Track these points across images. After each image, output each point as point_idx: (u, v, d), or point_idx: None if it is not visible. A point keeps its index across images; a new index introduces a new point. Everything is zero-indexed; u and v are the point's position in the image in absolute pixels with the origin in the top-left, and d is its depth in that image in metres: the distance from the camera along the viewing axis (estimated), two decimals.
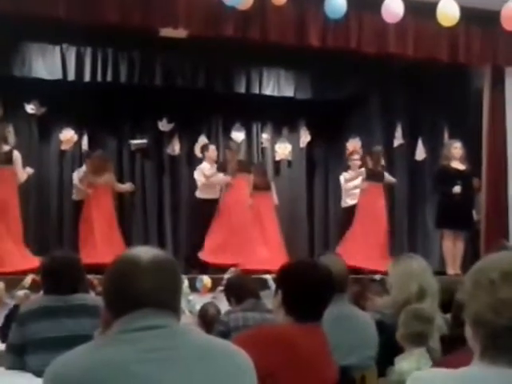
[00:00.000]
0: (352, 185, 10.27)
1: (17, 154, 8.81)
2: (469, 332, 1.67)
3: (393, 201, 10.70)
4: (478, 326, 1.63)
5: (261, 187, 10.15)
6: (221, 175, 9.95)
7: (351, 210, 10.19)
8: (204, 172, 9.99)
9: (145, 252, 1.85)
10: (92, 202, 9.42)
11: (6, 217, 8.57)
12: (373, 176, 10.08)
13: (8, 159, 8.70)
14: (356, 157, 10.49)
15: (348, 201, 10.37)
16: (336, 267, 3.69)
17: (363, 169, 10.17)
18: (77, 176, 9.73)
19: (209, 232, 9.79)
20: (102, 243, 8.98)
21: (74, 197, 9.83)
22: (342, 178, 10.52)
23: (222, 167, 10.06)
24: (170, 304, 1.83)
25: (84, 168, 9.73)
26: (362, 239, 9.75)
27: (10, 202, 8.67)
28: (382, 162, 10.29)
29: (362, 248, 9.61)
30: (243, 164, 10.27)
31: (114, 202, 9.75)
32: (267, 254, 9.61)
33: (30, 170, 9.02)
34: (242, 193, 9.93)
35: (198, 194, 10.12)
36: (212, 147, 10.40)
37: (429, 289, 3.90)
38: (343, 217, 10.54)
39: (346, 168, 10.64)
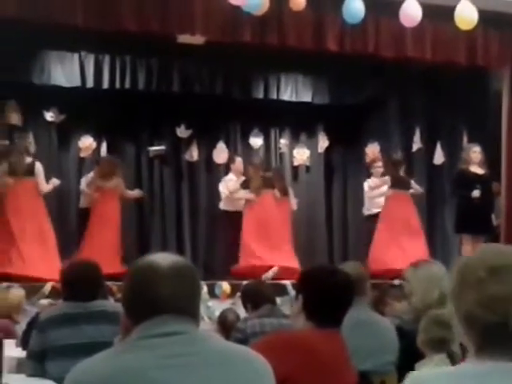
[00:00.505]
0: (378, 193, 10.15)
1: (39, 166, 8.85)
2: (459, 329, 1.65)
3: None
4: (470, 323, 1.61)
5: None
6: (244, 192, 9.81)
7: (375, 218, 10.09)
8: (228, 186, 9.93)
9: (164, 258, 1.85)
10: (98, 206, 9.35)
11: (31, 227, 8.58)
12: (398, 184, 9.96)
13: (30, 171, 8.74)
14: (379, 164, 10.39)
15: (372, 209, 10.24)
16: (355, 271, 3.72)
17: (388, 176, 10.06)
18: (85, 181, 9.65)
19: (241, 248, 9.61)
20: (99, 252, 8.51)
21: (81, 204, 9.75)
22: (366, 184, 10.39)
23: (245, 184, 9.87)
24: (189, 310, 1.83)
25: (92, 174, 9.66)
26: (394, 243, 9.60)
27: (35, 212, 8.68)
28: (403, 169, 10.16)
29: (396, 250, 9.45)
30: (268, 180, 9.94)
31: (121, 208, 9.62)
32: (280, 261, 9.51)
33: (56, 181, 8.99)
34: (267, 209, 9.74)
35: (222, 206, 10.07)
36: (238, 159, 10.34)
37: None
38: (366, 224, 10.44)
39: (369, 175, 10.58)
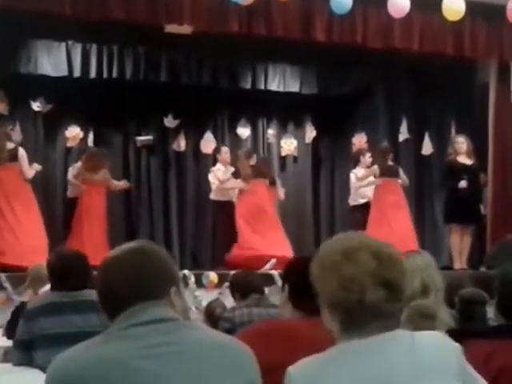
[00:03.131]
0: (366, 182, 10.02)
1: (22, 151, 8.74)
2: (326, 315, 1.77)
3: None
4: (334, 306, 1.73)
5: None
6: (234, 181, 9.73)
7: (362, 208, 10.02)
8: (218, 176, 9.84)
9: (123, 248, 1.87)
10: (85, 199, 9.24)
11: (14, 213, 8.52)
12: (387, 172, 9.84)
13: (13, 156, 8.67)
14: (368, 155, 10.32)
15: (359, 199, 10.18)
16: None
17: (376, 166, 9.95)
18: (72, 172, 9.58)
19: (239, 238, 9.48)
20: (88, 244, 8.52)
21: (69, 193, 9.67)
22: (353, 175, 10.31)
23: (236, 174, 9.79)
24: (158, 293, 1.82)
25: (79, 164, 9.56)
26: (385, 232, 9.16)
27: (22, 196, 8.59)
28: (391, 157, 10.05)
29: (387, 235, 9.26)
30: (257, 169, 9.78)
31: (108, 199, 9.50)
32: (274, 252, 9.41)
33: (37, 167, 8.95)
34: (260, 198, 9.55)
35: (213, 196, 9.97)
36: (224, 149, 10.26)
37: (432, 284, 3.89)
38: (353, 215, 10.32)
39: (355, 164, 10.52)
